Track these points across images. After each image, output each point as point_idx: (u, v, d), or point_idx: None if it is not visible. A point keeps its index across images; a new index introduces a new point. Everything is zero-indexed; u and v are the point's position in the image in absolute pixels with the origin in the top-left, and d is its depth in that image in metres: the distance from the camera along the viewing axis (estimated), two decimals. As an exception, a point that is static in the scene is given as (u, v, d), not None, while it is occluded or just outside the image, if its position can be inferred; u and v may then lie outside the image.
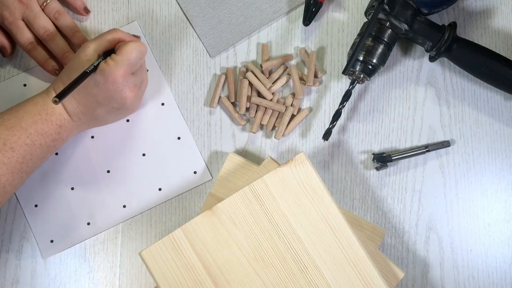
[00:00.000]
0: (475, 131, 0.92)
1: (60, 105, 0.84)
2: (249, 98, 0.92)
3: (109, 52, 0.85)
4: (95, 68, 0.83)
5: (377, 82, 0.94)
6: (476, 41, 0.91)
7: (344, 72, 0.88)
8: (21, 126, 0.83)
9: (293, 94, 0.93)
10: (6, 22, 0.89)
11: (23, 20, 0.90)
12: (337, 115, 0.90)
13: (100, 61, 0.83)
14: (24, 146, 0.82)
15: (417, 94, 0.93)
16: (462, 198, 0.92)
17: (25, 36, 0.90)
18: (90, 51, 0.84)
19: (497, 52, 0.90)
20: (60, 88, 0.84)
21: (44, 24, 0.90)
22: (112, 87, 0.83)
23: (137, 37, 0.90)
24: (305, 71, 0.94)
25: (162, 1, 0.95)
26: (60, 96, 0.79)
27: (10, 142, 0.82)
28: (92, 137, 0.93)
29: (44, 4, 0.91)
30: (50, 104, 0.84)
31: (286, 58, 0.93)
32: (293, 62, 0.94)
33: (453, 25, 0.89)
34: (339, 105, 0.90)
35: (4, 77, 0.94)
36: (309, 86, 0.93)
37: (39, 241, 0.91)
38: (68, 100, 0.84)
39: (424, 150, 0.91)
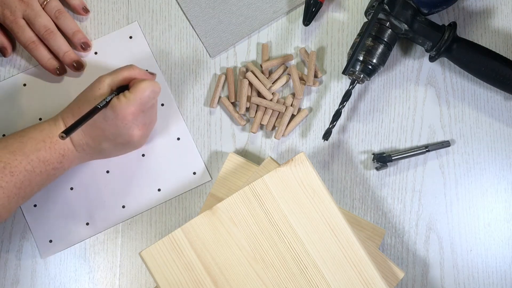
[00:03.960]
0: (475, 131, 0.92)
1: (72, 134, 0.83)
2: (249, 98, 0.92)
3: (123, 87, 0.84)
4: (106, 104, 0.82)
5: (377, 82, 0.94)
6: (476, 41, 0.91)
7: (344, 72, 0.88)
8: (24, 152, 0.82)
9: (293, 94, 0.93)
10: (7, 21, 0.89)
11: (23, 18, 0.90)
12: (337, 115, 0.90)
13: (113, 97, 0.82)
14: (24, 172, 0.82)
15: (417, 94, 0.93)
16: (462, 198, 0.92)
17: (26, 34, 0.90)
18: (104, 85, 0.83)
19: (497, 52, 0.90)
20: (69, 117, 0.84)
21: (45, 22, 0.90)
22: (121, 124, 0.82)
23: (153, 74, 0.89)
24: (305, 71, 0.94)
25: (162, 1, 0.95)
26: (67, 132, 0.77)
27: (11, 166, 0.81)
28: (92, 137, 0.93)
29: (45, 3, 0.91)
30: (55, 132, 0.83)
31: (286, 58, 0.93)
32: (293, 62, 0.94)
33: (453, 25, 0.89)
34: (339, 105, 0.90)
35: (4, 76, 0.94)
36: (309, 86, 0.93)
37: (38, 241, 0.91)
38: (76, 131, 0.82)
39: (424, 150, 0.91)
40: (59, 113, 0.86)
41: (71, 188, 0.92)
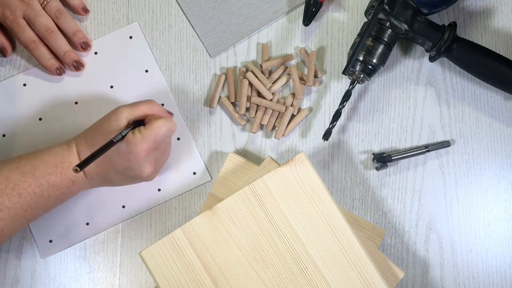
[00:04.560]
0: (475, 131, 0.92)
1: (77, 161, 0.83)
2: (249, 98, 0.92)
3: (139, 122, 0.84)
4: (122, 138, 0.81)
5: (377, 82, 0.94)
6: (476, 41, 0.91)
7: (344, 72, 0.88)
8: (34, 175, 0.82)
9: (293, 94, 0.93)
10: (7, 20, 0.89)
11: (24, 18, 0.90)
12: (337, 115, 0.90)
13: (128, 131, 0.82)
14: (32, 194, 0.81)
15: (417, 94, 0.93)
16: (462, 198, 0.92)
17: (26, 34, 0.90)
18: (122, 117, 0.82)
19: (497, 52, 0.90)
20: (83, 144, 0.83)
21: (45, 22, 0.90)
22: (133, 159, 0.82)
23: (171, 114, 0.89)
24: (305, 71, 0.94)
25: (162, 1, 0.95)
26: (81, 166, 0.76)
27: (20, 188, 0.81)
28: (92, 137, 0.93)
29: (45, 3, 0.91)
30: (67, 158, 0.83)
31: (286, 58, 0.93)
32: (293, 62, 0.94)
33: (453, 25, 0.89)
34: (339, 105, 0.90)
35: (4, 76, 0.94)
36: (309, 86, 0.93)
37: (37, 240, 0.91)
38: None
39: (424, 150, 0.91)
40: (73, 138, 0.85)
41: (71, 188, 0.92)
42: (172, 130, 0.84)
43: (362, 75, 0.89)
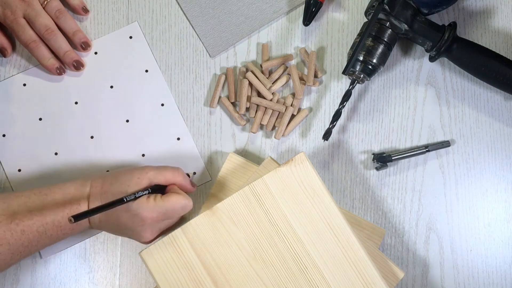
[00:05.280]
0: (475, 131, 0.92)
1: (86, 206, 0.83)
2: (249, 98, 0.92)
3: (159, 187, 0.84)
4: (134, 199, 0.81)
5: (377, 82, 0.94)
6: (476, 41, 0.91)
7: (344, 72, 0.88)
8: (42, 213, 0.81)
9: (293, 94, 0.93)
10: (7, 20, 0.90)
11: (24, 18, 0.90)
12: (337, 115, 0.90)
13: (143, 195, 0.81)
14: (36, 232, 0.81)
15: (417, 94, 0.93)
16: (462, 198, 0.92)
17: (27, 34, 0.90)
18: (145, 177, 0.82)
19: (497, 52, 0.90)
20: (98, 187, 0.83)
21: (45, 22, 0.90)
22: (138, 222, 0.82)
23: (194, 185, 0.88)
24: (305, 71, 0.94)
25: (162, 1, 0.95)
26: (77, 218, 0.76)
27: (24, 225, 0.80)
28: (92, 137, 0.93)
29: (45, 2, 0.91)
30: (77, 199, 0.82)
31: (286, 58, 0.93)
32: (293, 62, 0.94)
33: (453, 25, 0.89)
34: (339, 105, 0.90)
35: (4, 76, 0.94)
36: (309, 86, 0.93)
37: (38, 241, 0.91)
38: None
39: (424, 150, 0.91)
40: (89, 178, 0.85)
41: (71, 188, 0.92)
42: (187, 209, 0.84)
43: (362, 75, 0.89)
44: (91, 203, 0.83)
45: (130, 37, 0.95)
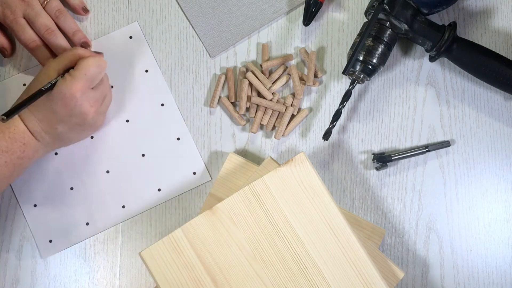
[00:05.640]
0: (475, 131, 0.92)
1: (21, 123, 0.84)
2: (249, 98, 0.92)
3: (70, 70, 0.85)
4: (52, 86, 0.82)
5: (377, 82, 0.94)
6: (476, 41, 0.91)
7: (344, 72, 0.88)
8: None
9: (293, 94, 0.93)
10: (7, 20, 0.90)
11: (24, 18, 0.90)
12: (337, 115, 0.90)
13: (58, 79, 0.83)
14: None
15: (417, 94, 0.93)
16: (462, 198, 0.92)
17: (27, 34, 0.90)
18: (50, 70, 0.84)
19: (497, 52, 0.90)
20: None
21: (45, 22, 0.90)
22: (71, 102, 0.83)
23: (100, 53, 0.90)
24: (305, 71, 0.94)
25: (162, 1, 0.95)
26: (8, 115, 0.78)
27: None
28: (92, 137, 0.93)
29: (45, 2, 0.91)
30: (11, 123, 0.83)
31: (286, 58, 0.93)
32: (293, 62, 0.94)
33: (453, 25, 0.89)
34: (339, 105, 0.90)
35: (4, 76, 0.94)
36: (309, 86, 0.93)
37: (38, 240, 0.91)
38: (29, 118, 0.84)
39: (424, 150, 0.91)
40: (12, 105, 0.86)
41: (71, 188, 0.92)
42: (102, 66, 0.84)
43: (362, 75, 0.89)
44: (24, 118, 0.84)
45: (130, 37, 0.95)
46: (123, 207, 0.92)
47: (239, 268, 0.84)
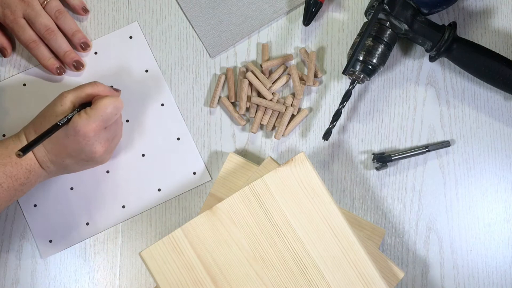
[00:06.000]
0: (475, 131, 0.92)
1: (30, 151, 0.83)
2: (249, 98, 0.92)
3: (85, 104, 0.84)
4: (68, 121, 0.81)
5: (377, 82, 0.94)
6: (476, 41, 0.91)
7: (344, 72, 0.88)
8: None
9: (293, 94, 0.93)
10: (7, 20, 0.90)
11: (24, 18, 0.90)
12: (337, 115, 0.90)
13: (74, 114, 0.82)
14: None
15: (417, 94, 0.93)
16: (462, 198, 0.92)
17: (27, 34, 0.90)
18: (66, 101, 0.83)
19: (497, 52, 0.90)
20: (31, 134, 0.83)
21: (45, 22, 0.90)
22: (83, 141, 0.82)
23: (118, 91, 0.89)
24: (305, 71, 0.94)
25: (162, 1, 0.95)
26: (24, 150, 0.77)
27: None
28: (92, 137, 0.93)
29: (45, 2, 0.91)
30: (19, 147, 0.82)
31: (286, 58, 0.93)
32: (293, 62, 0.94)
33: (453, 25, 0.89)
34: (339, 105, 0.90)
35: (4, 76, 0.94)
36: (309, 86, 0.93)
37: (38, 240, 0.91)
38: (38, 148, 0.83)
39: (424, 150, 0.91)
40: (22, 129, 0.85)
41: (71, 188, 0.92)
42: (119, 108, 0.84)
43: (362, 75, 0.89)
44: None
45: (130, 37, 0.95)
46: (123, 207, 0.92)
47: (239, 268, 0.84)
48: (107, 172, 0.92)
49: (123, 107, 0.86)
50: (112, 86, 0.90)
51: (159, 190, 0.92)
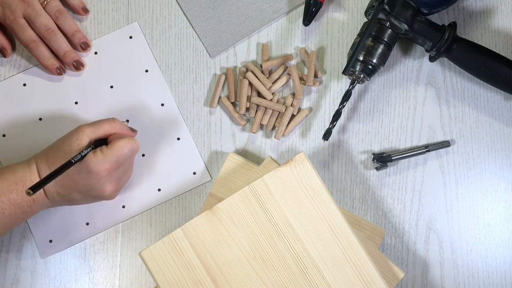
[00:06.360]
0: (475, 131, 0.92)
1: (37, 178, 0.82)
2: (249, 98, 0.92)
3: (101, 141, 0.84)
4: (81, 158, 0.81)
5: (377, 82, 0.94)
6: (476, 41, 0.91)
7: (344, 72, 0.88)
8: None
9: (293, 94, 0.93)
10: (7, 20, 0.90)
11: (24, 18, 0.90)
12: (337, 115, 0.90)
13: (89, 151, 0.81)
14: None
15: (417, 94, 0.93)
16: (462, 198, 0.92)
17: (27, 34, 0.90)
18: (83, 136, 0.82)
19: (497, 52, 0.90)
20: (43, 164, 0.83)
21: (45, 22, 0.90)
22: (94, 179, 0.82)
23: (135, 131, 0.88)
24: (305, 71, 0.94)
25: (162, 1, 0.95)
26: (34, 188, 0.76)
27: None
28: (92, 137, 0.93)
29: (45, 2, 0.91)
30: (28, 176, 0.82)
31: (286, 58, 0.93)
32: (293, 62, 0.94)
33: (453, 25, 0.89)
34: (339, 105, 0.90)
35: (4, 76, 0.94)
36: (309, 86, 0.93)
37: (37, 240, 0.91)
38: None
39: (424, 150, 0.91)
40: (33, 156, 0.85)
41: (71, 188, 0.92)
42: (135, 150, 0.84)
43: (362, 75, 0.89)
44: (42, 174, 0.82)
45: (130, 37, 0.95)
46: (123, 207, 0.92)
47: (239, 268, 0.84)
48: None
49: (139, 149, 0.85)
50: (127, 121, 0.91)
51: (159, 190, 0.92)
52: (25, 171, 0.83)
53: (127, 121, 0.92)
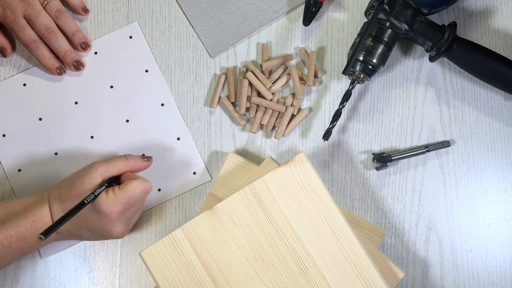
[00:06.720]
0: (475, 131, 0.92)
1: (48, 215, 0.82)
2: (249, 98, 0.92)
3: (114, 179, 0.84)
4: (94, 198, 0.80)
5: (377, 82, 0.94)
6: (476, 41, 0.91)
7: (344, 72, 0.88)
8: (5, 225, 0.80)
9: (293, 94, 0.93)
10: (7, 20, 0.90)
11: (24, 18, 0.90)
12: (337, 115, 0.90)
13: (102, 191, 0.81)
14: (0, 246, 0.80)
15: (417, 94, 0.93)
16: (462, 198, 0.92)
17: (27, 34, 0.90)
18: (97, 174, 0.82)
19: (497, 52, 0.90)
20: (56, 200, 0.82)
21: (46, 22, 0.90)
22: (105, 219, 0.82)
23: (150, 159, 0.88)
24: (305, 71, 0.94)
25: (162, 1, 0.95)
26: (46, 233, 0.76)
27: None
28: (92, 137, 0.93)
29: (45, 2, 0.91)
30: (39, 211, 0.82)
31: (286, 58, 0.93)
32: (293, 62, 0.94)
33: (453, 25, 0.89)
34: (339, 105, 0.90)
35: (4, 76, 0.94)
36: (309, 86, 0.93)
37: (38, 241, 0.91)
38: (57, 214, 0.82)
39: (424, 150, 0.91)
40: (46, 191, 0.84)
41: (71, 188, 0.92)
42: (147, 192, 0.83)
43: (362, 75, 0.89)
44: (53, 211, 0.82)
45: (130, 37, 0.95)
46: (123, 207, 0.92)
47: (239, 268, 0.84)
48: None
49: (151, 190, 0.85)
50: (143, 155, 0.90)
51: (159, 190, 0.92)
52: (36, 206, 0.82)
53: (143, 155, 0.91)
